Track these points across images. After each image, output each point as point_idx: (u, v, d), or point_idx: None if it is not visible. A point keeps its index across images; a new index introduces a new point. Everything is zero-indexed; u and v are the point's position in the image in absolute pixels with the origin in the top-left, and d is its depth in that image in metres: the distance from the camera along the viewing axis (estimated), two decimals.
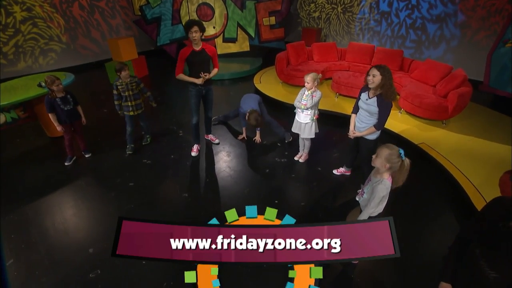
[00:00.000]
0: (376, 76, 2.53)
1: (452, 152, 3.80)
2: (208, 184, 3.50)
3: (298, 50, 6.44)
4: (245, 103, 4.10)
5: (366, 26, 8.22)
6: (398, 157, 1.87)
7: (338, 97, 5.68)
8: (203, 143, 4.29)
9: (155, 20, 7.97)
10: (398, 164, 1.88)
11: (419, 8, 7.13)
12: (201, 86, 3.53)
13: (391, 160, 1.88)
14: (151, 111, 5.56)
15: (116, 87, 3.67)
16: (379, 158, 1.93)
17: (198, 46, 3.34)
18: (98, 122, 4.97)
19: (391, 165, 1.89)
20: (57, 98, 3.41)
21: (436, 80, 4.99)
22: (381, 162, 1.92)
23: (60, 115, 3.51)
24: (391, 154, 1.88)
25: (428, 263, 2.47)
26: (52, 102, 3.40)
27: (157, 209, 3.06)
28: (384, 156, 1.90)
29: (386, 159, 1.89)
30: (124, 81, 3.63)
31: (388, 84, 2.54)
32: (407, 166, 1.89)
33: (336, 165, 3.72)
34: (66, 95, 3.50)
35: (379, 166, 1.96)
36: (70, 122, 3.62)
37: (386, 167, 1.91)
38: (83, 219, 2.91)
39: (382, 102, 2.62)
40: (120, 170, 3.70)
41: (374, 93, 2.68)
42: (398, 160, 1.87)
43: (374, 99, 2.68)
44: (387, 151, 1.89)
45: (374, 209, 2.04)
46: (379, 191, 1.95)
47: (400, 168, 1.90)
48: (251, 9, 7.90)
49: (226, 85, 7.03)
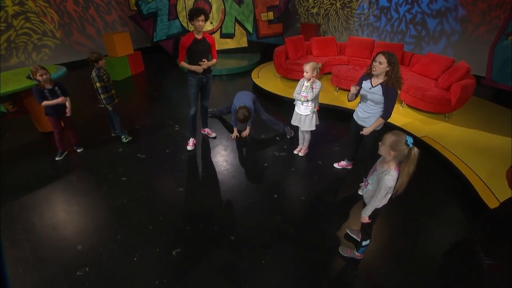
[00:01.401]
0: (383, 64, 2.41)
1: (456, 145, 3.69)
2: (205, 179, 3.37)
3: (297, 44, 6.32)
4: (237, 100, 3.95)
5: (365, 21, 8.11)
6: (405, 144, 1.71)
7: (338, 91, 5.56)
8: (199, 137, 4.16)
9: (151, 16, 7.84)
10: (405, 152, 1.72)
11: (419, 2, 7.03)
12: (202, 75, 3.48)
13: (396, 148, 1.73)
14: (147, 106, 5.44)
15: (101, 78, 3.54)
16: (384, 145, 1.80)
17: (200, 35, 3.28)
18: (92, 117, 4.83)
19: (396, 153, 1.74)
20: (45, 90, 3.26)
21: (438, 73, 4.89)
22: (386, 149, 1.79)
23: (46, 107, 3.36)
24: (396, 141, 1.73)
25: (435, 257, 2.35)
26: (41, 91, 3.25)
27: (150, 204, 2.92)
28: (389, 143, 1.76)
29: (390, 146, 1.75)
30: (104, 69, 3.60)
31: (395, 72, 2.42)
32: (414, 156, 1.69)
33: (337, 158, 3.60)
34: (54, 87, 3.35)
35: (383, 154, 1.83)
36: (58, 115, 3.47)
37: (391, 155, 1.77)
38: (72, 215, 2.77)
39: (388, 90, 2.49)
40: (113, 165, 3.56)
41: (377, 81, 2.56)
42: (405, 148, 1.71)
43: (378, 88, 2.55)
44: (392, 138, 1.75)
45: (381, 201, 1.92)
46: (386, 182, 1.81)
47: (407, 158, 1.73)
48: (248, 4, 7.78)
49: (224, 80, 6.91)
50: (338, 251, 2.39)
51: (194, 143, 3.93)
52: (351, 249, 2.36)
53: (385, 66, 2.41)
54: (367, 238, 2.20)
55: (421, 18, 7.07)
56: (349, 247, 2.39)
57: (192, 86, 3.54)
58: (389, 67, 2.41)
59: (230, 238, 2.52)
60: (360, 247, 2.25)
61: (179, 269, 2.23)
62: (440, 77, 4.76)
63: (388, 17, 7.60)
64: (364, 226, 2.15)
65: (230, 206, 2.92)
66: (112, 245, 2.44)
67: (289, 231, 2.61)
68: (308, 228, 2.64)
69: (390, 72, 2.43)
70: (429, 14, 6.94)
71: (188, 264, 2.28)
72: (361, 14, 8.11)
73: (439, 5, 6.77)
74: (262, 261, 2.30)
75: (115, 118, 3.89)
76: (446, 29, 6.79)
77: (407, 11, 7.24)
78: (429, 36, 7.05)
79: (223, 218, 2.76)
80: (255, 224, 2.69)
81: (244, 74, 7.16)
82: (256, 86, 6.05)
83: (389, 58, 2.40)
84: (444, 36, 6.85)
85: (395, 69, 2.42)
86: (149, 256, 2.34)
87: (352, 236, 2.52)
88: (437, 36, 6.93)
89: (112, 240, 2.48)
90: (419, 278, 2.19)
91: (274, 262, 2.29)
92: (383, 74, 2.48)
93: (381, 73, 2.47)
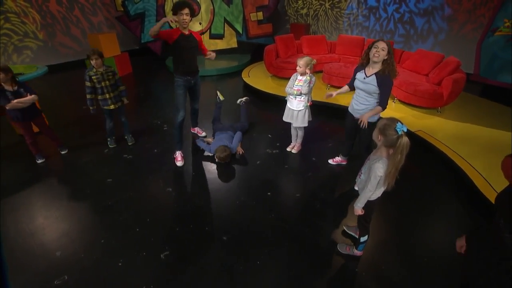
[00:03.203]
0: (385, 50, 2.38)
1: (450, 139, 3.66)
2: (195, 178, 3.22)
3: (287, 43, 6.27)
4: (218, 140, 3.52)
5: (354, 21, 8.16)
6: (394, 130, 1.60)
7: (329, 89, 5.51)
8: (189, 137, 4.01)
9: (139, 16, 7.69)
10: (392, 138, 1.60)
11: (406, 2, 7.10)
12: (190, 76, 3.24)
13: (385, 132, 1.64)
14: (134, 107, 5.26)
15: (90, 78, 3.25)
16: (376, 128, 1.73)
17: (187, 31, 3.06)
18: (77, 118, 4.62)
19: (385, 138, 1.66)
20: (7, 92, 2.92)
21: (429, 69, 4.89)
22: (376, 133, 1.72)
23: (11, 111, 3.00)
24: (386, 125, 1.64)
25: (436, 250, 2.27)
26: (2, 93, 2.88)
27: (137, 205, 2.75)
28: (379, 126, 1.69)
29: (380, 129, 1.68)
30: (99, 70, 3.28)
31: (391, 60, 2.42)
32: (401, 145, 1.56)
33: (331, 155, 3.51)
34: (19, 89, 3.00)
35: (374, 138, 1.76)
36: (26, 119, 3.16)
37: (380, 139, 1.70)
38: (51, 220, 2.57)
39: (383, 79, 2.44)
40: (98, 166, 3.37)
41: (371, 71, 2.51)
42: (393, 134, 1.60)
43: (372, 78, 2.50)
44: (384, 121, 1.68)
45: (372, 192, 1.81)
46: (376, 170, 1.71)
47: (394, 146, 1.60)
48: (238, 4, 7.72)
49: (214, 80, 6.78)
50: (336, 249, 2.27)
51: (183, 156, 3.44)
52: (350, 247, 2.25)
53: (386, 53, 2.38)
54: (365, 233, 2.10)
55: (409, 17, 7.14)
56: (348, 245, 2.28)
57: (179, 87, 3.23)
58: (387, 55, 2.40)
59: (223, 238, 2.38)
60: (359, 243, 2.15)
61: (168, 273, 2.07)
62: (431, 73, 4.77)
63: (377, 16, 7.66)
64: (361, 220, 2.05)
65: (222, 205, 2.78)
66: (95, 250, 2.26)
67: (284, 229, 2.48)
68: (304, 226, 2.52)
69: (388, 59, 2.41)
70: (416, 13, 7.02)
71: (178, 267, 2.12)
72: (350, 14, 8.16)
73: (426, 4, 6.85)
74: (257, 261, 2.17)
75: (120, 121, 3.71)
76: (433, 28, 6.87)
77: (395, 10, 7.30)
78: (417, 35, 7.12)
79: (215, 218, 2.62)
80: (248, 223, 2.55)
81: (234, 74, 7.05)
82: (247, 85, 5.95)
83: (388, 46, 2.40)
84: (432, 35, 6.92)
85: (391, 57, 2.41)
86: (135, 260, 2.17)
87: (350, 233, 2.42)
88: (425, 34, 7.01)
89: (95, 245, 2.30)
90: (422, 272, 2.10)
91: (269, 262, 2.16)
92: (380, 62, 2.44)
93: (379, 61, 2.43)
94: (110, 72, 3.37)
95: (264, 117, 4.82)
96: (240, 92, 5.91)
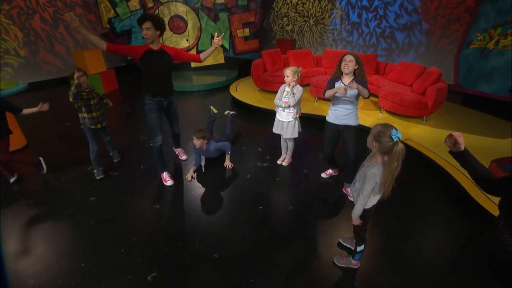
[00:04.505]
0: (352, 61, 2.58)
1: (438, 146, 3.72)
2: (183, 193, 3.09)
3: (274, 57, 6.37)
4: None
5: (338, 36, 8.43)
6: (389, 137, 1.59)
7: (317, 101, 5.58)
8: (173, 156, 3.89)
9: (125, 33, 7.68)
10: (388, 145, 1.59)
11: (386, 18, 7.44)
12: (162, 97, 2.91)
13: (380, 139, 1.62)
14: (120, 123, 5.13)
15: (81, 96, 2.94)
16: (370, 135, 1.70)
17: (156, 46, 2.73)
18: (58, 136, 4.44)
19: (379, 145, 1.64)
20: None
21: (412, 79, 5.04)
22: (370, 139, 1.70)
23: None
24: (380, 132, 1.62)
25: (432, 258, 2.22)
26: None
27: (123, 224, 2.59)
28: (374, 132, 1.66)
29: (374, 136, 1.66)
30: (86, 88, 3.06)
31: (362, 69, 2.62)
32: (397, 151, 1.55)
33: (322, 166, 3.47)
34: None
35: (369, 144, 1.74)
36: None
37: (374, 146, 1.67)
38: (25, 244, 2.37)
39: (360, 82, 2.61)
40: (80, 185, 3.20)
41: (347, 80, 2.67)
42: (388, 141, 1.59)
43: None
44: (378, 128, 1.66)
45: (367, 198, 1.77)
46: (372, 176, 1.68)
47: (390, 153, 1.59)
48: (224, 21, 7.85)
49: (202, 95, 6.76)
50: (333, 261, 2.19)
51: (170, 175, 3.24)
52: (346, 258, 2.17)
53: (354, 63, 2.58)
54: (362, 243, 2.03)
55: (390, 32, 7.45)
56: (344, 256, 2.20)
57: (151, 110, 2.90)
58: (356, 65, 2.59)
59: (213, 256, 2.25)
60: (356, 253, 2.07)
61: None
62: (415, 83, 4.91)
63: (360, 31, 7.95)
64: (356, 230, 1.99)
65: (212, 222, 2.66)
66: (74, 275, 2.08)
67: (278, 243, 2.38)
68: (299, 239, 2.43)
69: (358, 69, 2.61)
70: (396, 28, 7.34)
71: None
72: (334, 29, 8.44)
73: (405, 20, 7.18)
74: (250, 279, 2.05)
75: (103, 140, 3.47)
76: (413, 42, 7.17)
77: (377, 26, 7.62)
78: (399, 49, 7.41)
79: (205, 235, 2.49)
80: (240, 239, 2.44)
81: (222, 89, 7.06)
82: (235, 100, 5.95)
83: (355, 57, 2.59)
84: (412, 48, 7.22)
85: (361, 66, 2.61)
86: (120, 284, 2.01)
87: (345, 245, 2.34)
88: (406, 48, 7.30)
89: (74, 270, 2.12)
90: (421, 281, 2.03)
91: (264, 280, 2.05)
92: (352, 72, 2.64)
93: (350, 72, 2.63)
94: (94, 90, 3.18)
95: (253, 130, 4.78)
96: (228, 106, 5.89)
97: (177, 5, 7.59)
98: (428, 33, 6.89)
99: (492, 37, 5.37)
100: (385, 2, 7.33)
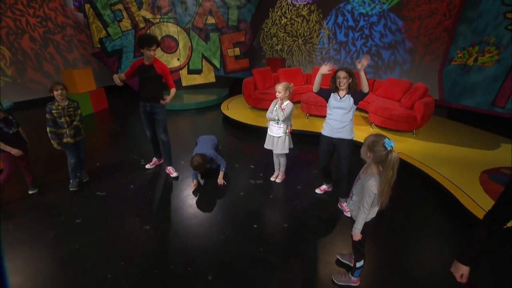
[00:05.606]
0: (346, 78, 2.66)
1: (429, 159, 3.77)
2: (175, 213, 2.98)
3: (264, 76, 6.47)
4: (198, 147, 3.63)
5: (326, 55, 8.69)
6: (383, 146, 1.60)
7: (308, 118, 5.63)
8: (165, 175, 3.81)
9: (116, 53, 7.70)
10: (382, 155, 1.61)
11: (372, 37, 7.74)
12: (146, 102, 3.38)
13: (374, 148, 1.64)
14: (109, 143, 5.02)
15: (50, 111, 3.13)
16: (363, 146, 1.72)
17: (149, 61, 3.21)
18: (44, 155, 4.29)
19: (373, 154, 1.66)
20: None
21: (400, 95, 5.18)
22: (364, 150, 1.71)
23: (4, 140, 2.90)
24: (374, 142, 1.65)
25: (430, 269, 2.16)
26: None
27: (110, 247, 2.45)
28: (367, 142, 1.69)
29: (368, 146, 1.68)
30: (60, 104, 3.14)
31: (354, 81, 2.69)
32: (391, 160, 1.56)
33: (316, 182, 3.44)
34: (7, 116, 2.98)
35: (363, 155, 1.75)
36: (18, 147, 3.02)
37: (369, 156, 1.69)
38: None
39: (355, 93, 2.70)
40: (65, 206, 3.05)
41: (343, 93, 2.74)
42: (382, 150, 1.61)
43: (347, 97, 2.73)
44: (371, 138, 1.68)
45: (368, 211, 1.74)
46: (370, 187, 1.67)
47: (384, 162, 1.60)
48: (215, 41, 8.01)
49: (193, 114, 6.74)
50: (331, 279, 2.10)
51: (156, 163, 3.90)
52: (345, 275, 2.10)
53: (348, 78, 2.66)
54: (361, 258, 1.97)
55: (376, 50, 7.73)
56: (343, 273, 2.13)
57: (141, 112, 3.50)
58: (350, 79, 2.66)
59: (207, 278, 2.13)
60: (355, 270, 2.00)
61: None
62: (403, 98, 5.04)
63: (347, 50, 8.23)
64: (355, 245, 1.93)
65: (206, 241, 2.55)
66: None
67: (274, 262, 2.29)
68: (295, 258, 2.35)
69: (351, 83, 2.69)
70: (382, 47, 7.63)
71: None
72: (322, 48, 8.71)
73: (389, 39, 7.49)
74: None
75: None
76: (398, 59, 7.45)
77: (363, 44, 7.91)
78: (385, 66, 7.67)
79: (198, 256, 2.37)
80: (235, 259, 2.33)
81: (213, 107, 7.08)
82: (227, 118, 5.94)
83: (348, 71, 2.68)
84: (398, 65, 7.49)
85: (354, 78, 2.69)
86: None
87: (344, 262, 2.27)
88: (391, 65, 7.56)
89: None
90: None
91: None
92: (347, 86, 2.71)
93: (346, 87, 2.71)
94: (71, 108, 3.23)
95: (245, 148, 4.75)
96: (219, 124, 5.88)
97: (168, 26, 7.72)
98: (412, 51, 7.18)
99: (471, 55, 5.66)
100: (370, 22, 7.67)
